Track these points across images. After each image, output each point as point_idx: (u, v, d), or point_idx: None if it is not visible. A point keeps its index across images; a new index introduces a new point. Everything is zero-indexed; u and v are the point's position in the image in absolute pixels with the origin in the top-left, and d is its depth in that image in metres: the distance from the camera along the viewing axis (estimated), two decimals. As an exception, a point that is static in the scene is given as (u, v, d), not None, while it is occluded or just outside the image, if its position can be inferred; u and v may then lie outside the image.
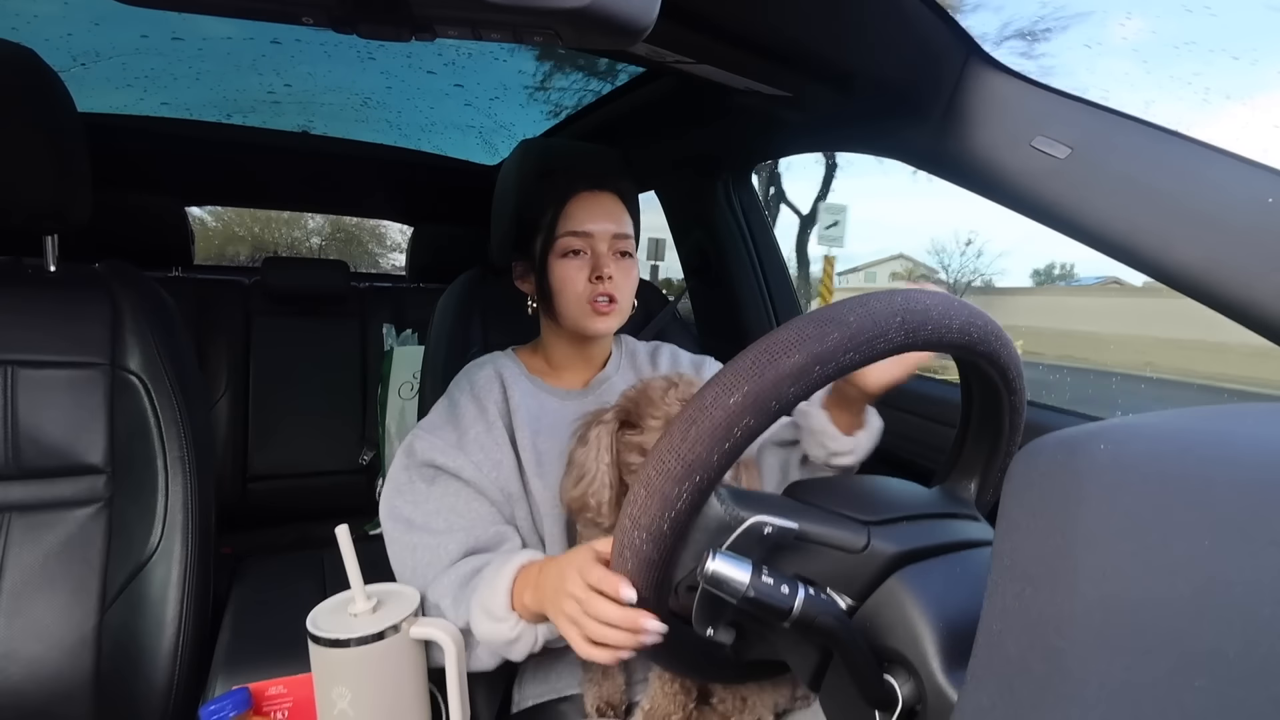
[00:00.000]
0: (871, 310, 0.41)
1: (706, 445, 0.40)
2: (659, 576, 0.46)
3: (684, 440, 0.41)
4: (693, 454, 0.40)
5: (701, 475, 0.41)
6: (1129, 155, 0.65)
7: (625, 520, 0.45)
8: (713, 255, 1.50)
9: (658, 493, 0.42)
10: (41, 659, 0.79)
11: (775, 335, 0.41)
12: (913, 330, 0.42)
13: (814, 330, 0.40)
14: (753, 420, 0.40)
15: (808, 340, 0.40)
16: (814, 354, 0.39)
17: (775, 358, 0.40)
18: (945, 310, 0.43)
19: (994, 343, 0.46)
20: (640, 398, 0.69)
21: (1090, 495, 0.29)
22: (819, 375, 0.40)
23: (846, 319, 0.40)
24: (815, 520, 0.47)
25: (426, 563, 0.72)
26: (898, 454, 1.13)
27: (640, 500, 0.43)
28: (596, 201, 0.83)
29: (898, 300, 0.42)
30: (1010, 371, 0.49)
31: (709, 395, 0.41)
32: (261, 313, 1.85)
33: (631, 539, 0.45)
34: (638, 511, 0.43)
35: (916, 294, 0.44)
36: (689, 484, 0.41)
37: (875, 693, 0.42)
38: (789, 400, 0.40)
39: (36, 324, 0.84)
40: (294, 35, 1.37)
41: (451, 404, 0.81)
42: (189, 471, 0.85)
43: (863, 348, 0.40)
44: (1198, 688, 0.24)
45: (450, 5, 0.41)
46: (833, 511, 0.48)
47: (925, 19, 0.71)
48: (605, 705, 0.75)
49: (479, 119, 1.89)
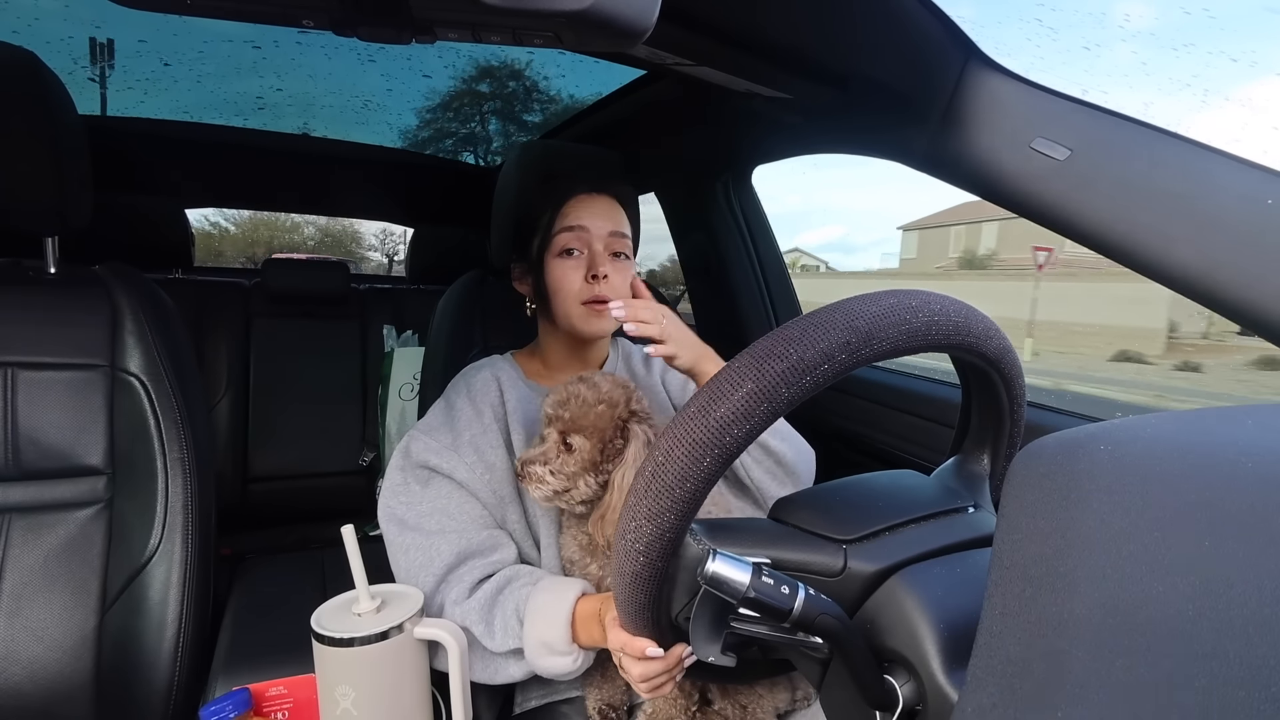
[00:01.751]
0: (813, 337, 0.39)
1: (667, 497, 0.41)
2: (654, 616, 0.48)
3: (647, 494, 0.42)
4: (656, 505, 0.42)
5: (667, 525, 0.42)
6: (1128, 157, 0.65)
7: (615, 569, 0.46)
8: (712, 256, 1.50)
9: (632, 546, 0.44)
10: (42, 660, 0.79)
11: (720, 375, 0.41)
12: (855, 350, 0.40)
13: (752, 367, 0.39)
14: (707, 466, 0.40)
15: (746, 379, 0.39)
16: (754, 392, 0.39)
17: (720, 398, 0.39)
18: (889, 320, 0.42)
19: (964, 335, 0.46)
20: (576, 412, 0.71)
21: (1090, 496, 0.29)
22: (766, 410, 0.39)
23: (787, 351, 0.39)
24: (789, 546, 0.47)
25: (420, 563, 0.72)
26: (898, 454, 1.13)
27: (620, 553, 0.45)
28: (594, 202, 0.83)
29: (839, 317, 0.41)
30: (991, 354, 0.48)
31: (663, 447, 0.41)
32: (262, 314, 1.85)
33: (622, 587, 0.47)
34: (621, 562, 0.45)
35: (855, 305, 0.42)
36: (657, 536, 0.42)
37: (875, 693, 0.42)
38: (741, 438, 0.40)
39: (37, 325, 0.84)
40: (294, 38, 1.37)
41: (448, 406, 0.82)
42: (189, 473, 0.85)
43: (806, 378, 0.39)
44: (1198, 688, 0.24)
45: (450, 7, 0.41)
46: (809, 532, 0.48)
47: (924, 21, 0.71)
48: (607, 708, 0.75)
49: (479, 120, 1.89)
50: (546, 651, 0.67)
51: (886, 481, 0.55)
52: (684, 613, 0.48)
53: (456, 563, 0.72)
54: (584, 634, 0.66)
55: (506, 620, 0.69)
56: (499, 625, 0.69)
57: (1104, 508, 0.29)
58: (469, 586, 0.72)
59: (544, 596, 0.68)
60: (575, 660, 0.67)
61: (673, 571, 0.46)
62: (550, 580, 0.72)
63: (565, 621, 0.66)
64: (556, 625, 0.66)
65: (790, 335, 0.40)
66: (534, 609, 0.68)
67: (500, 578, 0.72)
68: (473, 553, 0.73)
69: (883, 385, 1.20)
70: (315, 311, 1.91)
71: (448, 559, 0.72)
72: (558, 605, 0.67)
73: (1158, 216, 0.63)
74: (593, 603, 0.67)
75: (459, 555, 0.72)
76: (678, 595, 0.48)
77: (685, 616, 0.48)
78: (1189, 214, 0.62)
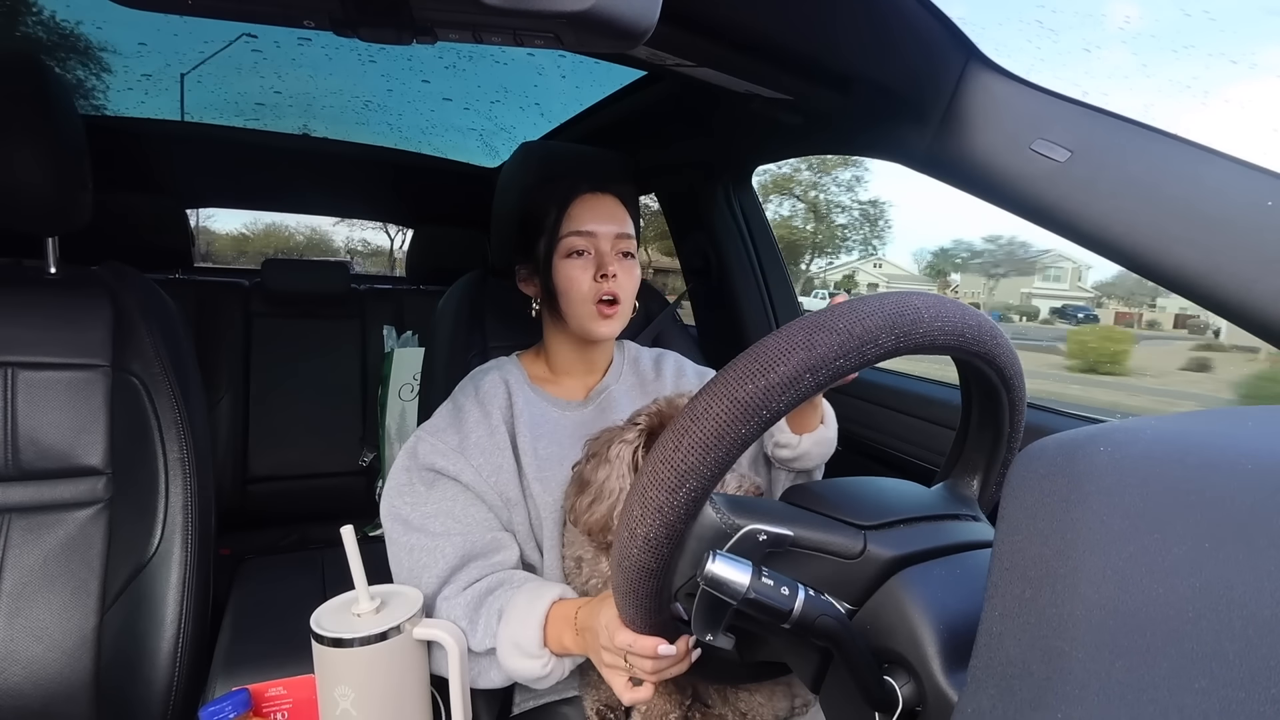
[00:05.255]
0: (862, 315, 0.41)
1: (699, 453, 0.40)
2: (657, 585, 0.47)
3: (677, 449, 0.41)
4: (686, 462, 0.41)
5: (695, 483, 0.41)
6: (1128, 158, 0.65)
7: (623, 531, 0.45)
8: (713, 257, 1.50)
9: (653, 502, 0.42)
10: (41, 660, 0.79)
11: (765, 343, 0.41)
12: (904, 333, 0.42)
13: (803, 338, 0.40)
14: (745, 428, 0.40)
15: (797, 348, 0.40)
16: (804, 361, 0.39)
17: (766, 367, 0.40)
18: (937, 311, 0.43)
19: (989, 342, 0.47)
20: (669, 410, 0.69)
21: (1090, 498, 0.29)
22: (810, 383, 0.40)
23: (837, 324, 0.40)
24: (810, 526, 0.47)
25: (423, 564, 0.72)
26: (898, 455, 1.13)
27: (635, 511, 0.43)
28: (599, 202, 0.83)
29: (889, 303, 0.42)
30: (1008, 370, 0.49)
31: (700, 404, 0.41)
32: (262, 314, 1.85)
33: (629, 550, 0.45)
34: (634, 522, 0.44)
35: (908, 296, 0.44)
36: (683, 492, 0.41)
37: (875, 694, 0.42)
38: (780, 408, 0.40)
39: (37, 325, 0.84)
40: (295, 38, 1.37)
41: (456, 408, 0.82)
42: (189, 473, 0.84)
43: (853, 354, 0.40)
44: (1198, 689, 0.24)
45: (451, 8, 0.41)
46: (828, 516, 0.48)
47: (925, 22, 0.72)
48: (605, 709, 0.75)
49: (479, 121, 1.90)
50: (518, 653, 0.67)
51: (894, 484, 0.56)
52: (686, 588, 0.48)
53: (460, 564, 0.72)
54: (554, 637, 0.66)
55: (489, 619, 0.69)
56: (481, 624, 0.69)
57: (1104, 509, 0.29)
58: (464, 585, 0.72)
59: (522, 598, 0.69)
60: (545, 665, 0.67)
61: (685, 538, 0.45)
62: (534, 584, 0.72)
63: (538, 623, 0.66)
64: (529, 626, 0.66)
65: (843, 310, 0.42)
66: (510, 610, 0.68)
67: (494, 579, 0.72)
68: (476, 555, 0.73)
69: (883, 387, 1.20)
70: (315, 311, 1.91)
71: (452, 560, 0.72)
72: (532, 606, 0.67)
73: (1158, 218, 0.63)
74: (568, 607, 0.67)
75: (463, 557, 0.72)
76: (684, 567, 0.47)
77: (688, 593, 0.48)
78: (1189, 215, 0.62)
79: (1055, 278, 6.04)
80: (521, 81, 1.59)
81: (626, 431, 0.69)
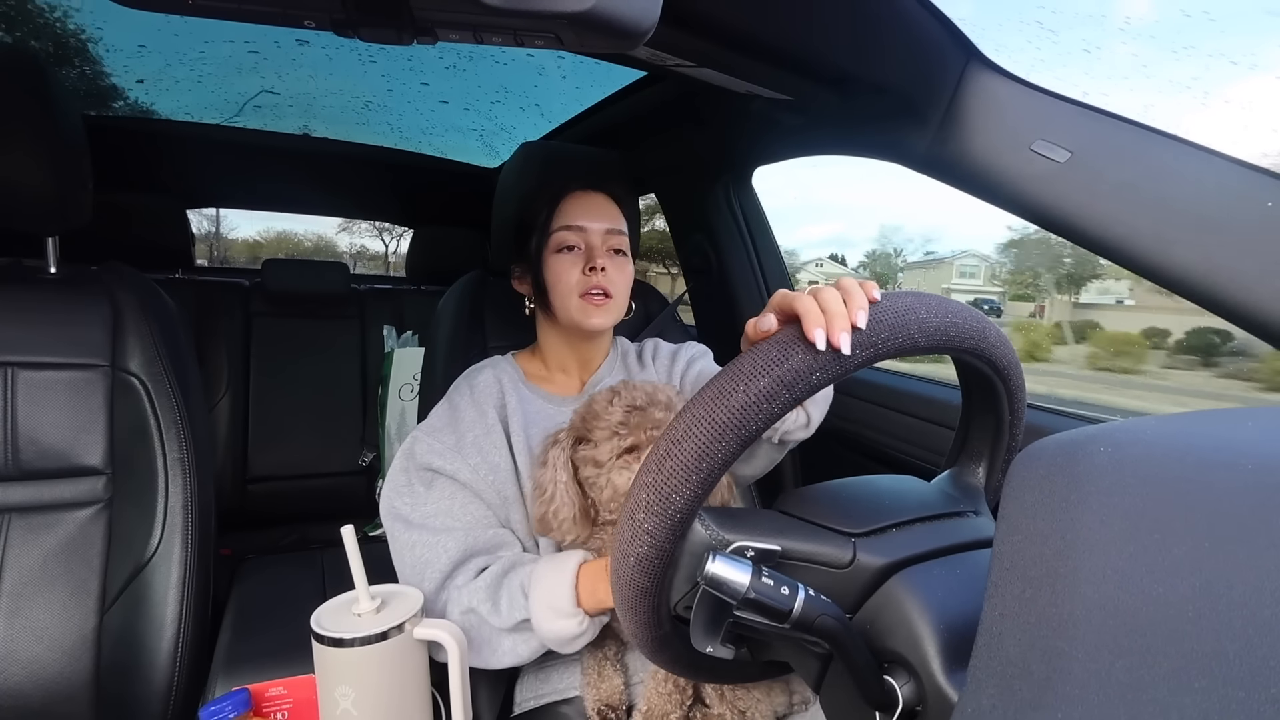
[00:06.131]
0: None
1: (680, 476, 0.41)
2: (654, 602, 0.48)
3: (659, 472, 0.42)
4: (668, 485, 0.41)
5: (679, 506, 0.42)
6: (1129, 159, 0.66)
7: (617, 552, 0.46)
8: (713, 257, 1.50)
9: (640, 526, 0.43)
10: (41, 660, 0.79)
11: (740, 361, 0.41)
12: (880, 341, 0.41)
13: (778, 353, 0.40)
14: (726, 447, 0.40)
15: (772, 363, 0.40)
16: (778, 379, 0.39)
17: (743, 382, 0.40)
18: (917, 314, 0.43)
19: (975, 338, 0.46)
20: (587, 413, 0.72)
21: (1090, 497, 0.30)
22: (786, 398, 0.40)
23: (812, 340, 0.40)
24: (799, 537, 0.47)
25: (426, 560, 0.72)
26: (898, 455, 1.13)
27: (625, 533, 0.44)
28: (590, 199, 0.84)
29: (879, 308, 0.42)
30: (1001, 361, 0.49)
31: (680, 428, 0.41)
32: (262, 314, 1.85)
33: (623, 570, 0.46)
34: (625, 544, 0.45)
35: (898, 297, 0.43)
36: (667, 517, 0.42)
37: (875, 694, 0.42)
38: (761, 422, 0.40)
39: (37, 325, 0.84)
40: (295, 38, 1.37)
41: (451, 407, 0.82)
42: (189, 473, 0.85)
43: (825, 369, 0.40)
44: (1198, 689, 0.24)
45: (451, 9, 0.41)
46: (818, 525, 0.48)
47: (925, 23, 0.72)
48: (605, 707, 0.75)
49: (479, 122, 1.89)
50: (553, 614, 0.68)
51: (890, 483, 0.55)
52: (684, 601, 0.48)
53: (463, 559, 0.73)
54: (588, 593, 0.68)
55: (513, 595, 0.70)
56: (505, 601, 0.70)
57: (1104, 509, 0.29)
58: (475, 572, 0.73)
59: (546, 566, 0.70)
60: (581, 624, 0.68)
61: (677, 557, 0.46)
62: (552, 555, 0.74)
63: (570, 582, 0.68)
64: (562, 585, 0.68)
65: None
66: (538, 578, 0.70)
67: (505, 562, 0.74)
68: (478, 550, 0.74)
69: (882, 386, 1.20)
70: (315, 311, 1.91)
71: (454, 555, 0.72)
72: (561, 570, 0.69)
73: (1158, 219, 0.63)
74: (595, 564, 0.69)
75: (465, 552, 0.73)
76: (679, 583, 0.48)
77: (686, 605, 0.48)
78: (1189, 216, 0.62)
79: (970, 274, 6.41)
80: (521, 82, 1.58)
81: (559, 433, 0.74)
